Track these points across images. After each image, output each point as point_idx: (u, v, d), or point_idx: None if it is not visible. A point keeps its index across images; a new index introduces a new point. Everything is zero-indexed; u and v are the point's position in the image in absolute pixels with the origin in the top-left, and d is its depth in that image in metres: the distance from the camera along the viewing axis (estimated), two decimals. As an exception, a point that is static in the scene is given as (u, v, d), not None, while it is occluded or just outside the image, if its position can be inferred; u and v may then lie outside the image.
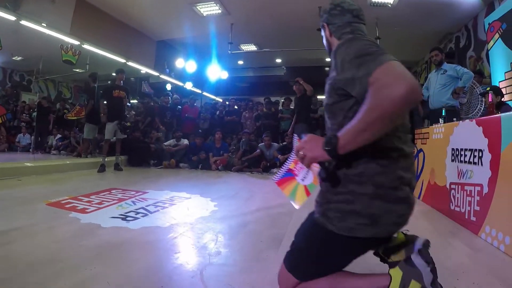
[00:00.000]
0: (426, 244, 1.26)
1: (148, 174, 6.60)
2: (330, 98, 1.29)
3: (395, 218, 1.20)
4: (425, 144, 4.35)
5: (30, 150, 10.63)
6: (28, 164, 5.98)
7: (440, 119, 4.31)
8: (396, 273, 1.21)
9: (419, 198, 4.28)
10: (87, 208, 3.22)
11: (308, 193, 1.51)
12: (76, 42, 7.89)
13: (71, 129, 10.20)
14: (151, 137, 8.59)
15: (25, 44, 9.97)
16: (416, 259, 1.22)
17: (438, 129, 3.89)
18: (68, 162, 7.03)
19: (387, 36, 8.85)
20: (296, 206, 1.50)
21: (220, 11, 8.45)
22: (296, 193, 1.53)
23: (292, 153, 1.47)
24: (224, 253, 2.02)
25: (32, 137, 11.07)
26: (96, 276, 1.66)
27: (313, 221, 1.31)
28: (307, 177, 1.52)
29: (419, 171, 4.47)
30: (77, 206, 3.29)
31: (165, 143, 8.41)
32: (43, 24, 6.94)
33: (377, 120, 1.01)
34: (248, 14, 8.58)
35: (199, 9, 8.36)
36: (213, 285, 1.60)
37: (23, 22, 6.66)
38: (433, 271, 1.20)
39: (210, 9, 8.42)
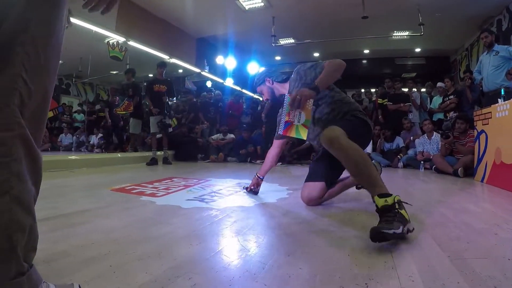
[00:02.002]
0: None
1: (198, 167, 6.44)
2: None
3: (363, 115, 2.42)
4: (487, 124, 3.98)
5: (72, 149, 10.80)
6: (78, 158, 6.01)
7: (499, 99, 4.06)
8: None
9: (482, 181, 3.97)
10: (156, 193, 3.02)
11: (306, 127, 2.21)
12: (122, 39, 7.90)
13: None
14: (196, 132, 8.50)
15: (67, 46, 10.13)
16: None
17: (502, 107, 3.58)
18: (119, 155, 7.02)
19: (428, 22, 8.50)
20: (304, 138, 2.23)
21: (262, 4, 8.30)
22: (299, 131, 2.22)
23: (283, 111, 2.35)
24: (329, 221, 1.80)
25: (74, 137, 11.29)
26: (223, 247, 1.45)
27: (346, 122, 2.30)
28: (301, 118, 2.20)
29: (481, 153, 4.14)
30: (145, 192, 3.10)
31: (212, 137, 8.32)
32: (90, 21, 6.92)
33: (332, 73, 2.31)
34: (291, 6, 8.37)
35: (241, 2, 8.22)
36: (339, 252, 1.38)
37: (72, 20, 6.62)
38: None
39: (252, 2, 8.27)
